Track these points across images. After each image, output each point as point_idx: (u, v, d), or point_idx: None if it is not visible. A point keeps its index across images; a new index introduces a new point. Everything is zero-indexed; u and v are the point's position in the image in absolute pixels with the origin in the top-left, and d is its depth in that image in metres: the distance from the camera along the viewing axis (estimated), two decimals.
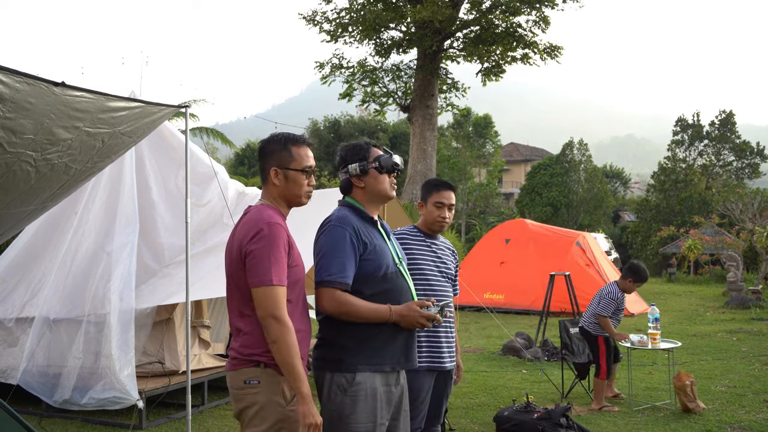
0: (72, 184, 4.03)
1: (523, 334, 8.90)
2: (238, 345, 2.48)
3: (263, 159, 2.61)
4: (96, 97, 3.43)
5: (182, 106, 4.58)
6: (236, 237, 2.51)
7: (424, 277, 3.30)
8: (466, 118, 37.47)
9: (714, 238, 20.29)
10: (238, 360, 2.47)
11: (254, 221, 2.48)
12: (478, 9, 19.16)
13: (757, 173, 32.79)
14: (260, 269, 2.38)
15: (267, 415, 2.41)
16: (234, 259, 2.49)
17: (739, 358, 8.17)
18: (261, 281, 2.38)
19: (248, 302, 2.45)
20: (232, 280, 2.50)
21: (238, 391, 2.47)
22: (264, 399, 2.42)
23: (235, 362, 2.48)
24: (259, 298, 2.38)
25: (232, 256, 2.51)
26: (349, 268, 2.54)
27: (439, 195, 3.45)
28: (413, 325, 2.57)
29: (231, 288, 2.53)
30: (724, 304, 13.93)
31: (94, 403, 5.19)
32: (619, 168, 50.88)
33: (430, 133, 19.51)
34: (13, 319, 5.72)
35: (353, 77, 21.15)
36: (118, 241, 5.60)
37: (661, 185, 32.07)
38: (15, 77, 2.90)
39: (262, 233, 2.42)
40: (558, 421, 4.80)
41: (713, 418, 5.47)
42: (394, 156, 2.75)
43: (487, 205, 37.37)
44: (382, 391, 2.57)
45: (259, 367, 2.44)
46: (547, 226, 16.00)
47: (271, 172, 2.57)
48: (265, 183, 2.63)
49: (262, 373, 2.43)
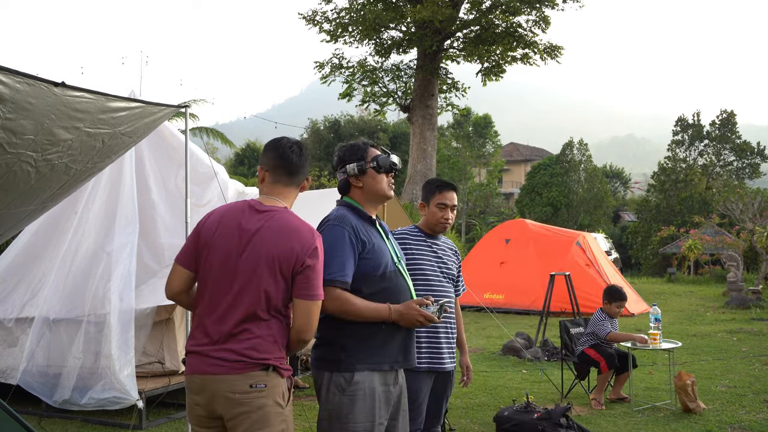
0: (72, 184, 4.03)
1: (523, 334, 8.90)
2: (245, 347, 2.39)
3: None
4: (96, 97, 3.43)
5: (182, 106, 4.58)
6: (287, 244, 2.43)
7: (424, 277, 3.30)
8: (466, 118, 37.50)
9: (714, 238, 20.29)
10: (245, 363, 2.38)
11: (311, 232, 2.49)
12: (478, 9, 19.16)
13: (758, 173, 32.80)
14: (317, 284, 2.45)
15: (272, 419, 2.40)
16: (282, 265, 2.42)
17: (740, 358, 8.17)
18: (317, 295, 2.45)
19: (272, 307, 2.43)
20: (260, 282, 2.42)
21: (240, 396, 2.37)
22: (269, 402, 2.40)
23: (240, 365, 2.38)
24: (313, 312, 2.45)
25: (275, 261, 2.42)
26: (349, 266, 2.54)
27: (442, 196, 3.44)
28: (412, 324, 2.57)
29: (249, 289, 2.42)
30: (725, 304, 13.92)
31: (93, 403, 5.18)
32: (619, 168, 50.89)
33: (430, 133, 19.51)
34: (13, 319, 5.72)
35: (353, 77, 21.15)
36: (118, 241, 5.60)
37: (661, 185, 32.08)
38: (15, 77, 2.90)
39: (319, 250, 2.48)
40: (558, 421, 4.80)
41: (713, 418, 5.47)
42: (392, 156, 2.76)
43: (487, 205, 37.38)
44: (381, 391, 2.57)
45: (267, 371, 2.41)
46: (547, 226, 16.00)
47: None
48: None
49: (268, 377, 2.41)
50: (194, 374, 2.44)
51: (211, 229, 2.50)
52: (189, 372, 2.47)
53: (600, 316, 6.13)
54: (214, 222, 2.51)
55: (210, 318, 2.44)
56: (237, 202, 2.59)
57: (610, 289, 6.31)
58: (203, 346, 2.42)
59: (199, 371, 2.42)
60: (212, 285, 2.46)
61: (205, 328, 2.44)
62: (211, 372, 2.40)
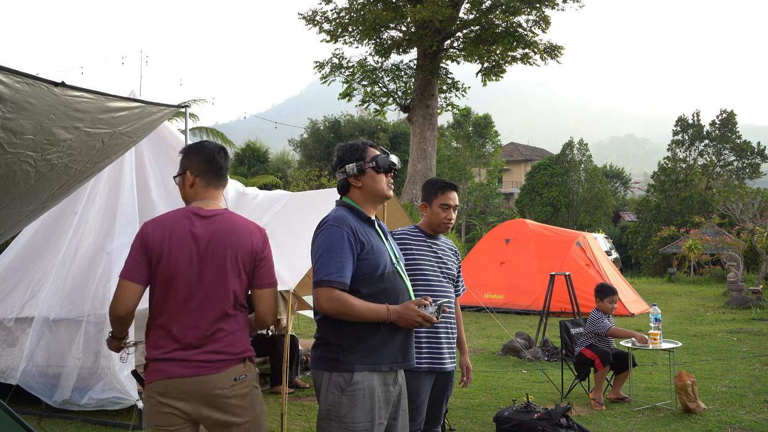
0: (72, 184, 4.03)
1: (523, 334, 8.90)
2: (224, 346, 2.56)
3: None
4: (96, 97, 3.43)
5: (182, 106, 4.58)
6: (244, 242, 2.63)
7: (424, 277, 3.30)
8: (466, 118, 37.49)
9: (714, 238, 20.28)
10: (227, 361, 2.56)
11: (257, 227, 2.75)
12: (478, 9, 19.14)
13: (758, 173, 32.79)
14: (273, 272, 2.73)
15: (255, 401, 2.66)
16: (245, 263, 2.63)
17: (740, 358, 8.17)
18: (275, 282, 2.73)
19: (238, 303, 2.64)
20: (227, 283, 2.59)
21: (228, 390, 2.54)
22: (251, 388, 2.65)
23: (222, 364, 2.54)
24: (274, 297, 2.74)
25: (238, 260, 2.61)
26: (347, 267, 2.54)
27: (445, 197, 3.45)
28: (410, 325, 2.57)
29: (217, 291, 2.57)
30: (725, 304, 13.92)
31: (93, 404, 5.19)
32: (619, 168, 50.89)
33: (430, 133, 19.50)
34: (12, 319, 5.71)
35: (353, 77, 21.13)
36: (118, 241, 5.60)
37: (661, 185, 32.07)
38: (15, 77, 2.90)
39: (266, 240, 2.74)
40: (558, 421, 4.80)
41: (714, 418, 5.46)
42: (391, 155, 2.75)
43: (487, 205, 37.38)
44: (380, 391, 2.57)
45: (244, 363, 2.63)
46: (547, 226, 15.99)
47: None
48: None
49: (246, 367, 2.64)
50: (173, 378, 2.52)
51: (160, 241, 2.55)
52: (164, 376, 2.53)
53: (597, 315, 6.16)
54: (162, 233, 2.57)
55: (179, 325, 2.54)
56: (176, 211, 2.67)
57: (599, 287, 6.38)
58: (175, 352, 2.53)
59: (178, 375, 2.51)
60: (174, 294, 2.55)
61: (172, 335, 2.54)
62: (193, 374, 2.52)
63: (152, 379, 2.56)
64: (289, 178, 32.61)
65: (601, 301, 6.18)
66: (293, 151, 40.88)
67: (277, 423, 5.31)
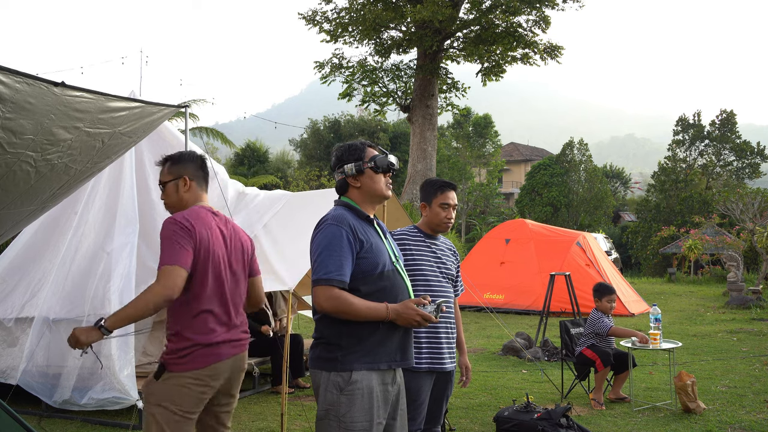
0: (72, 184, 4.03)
1: (523, 334, 8.90)
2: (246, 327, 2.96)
3: None
4: (96, 97, 3.43)
5: (182, 106, 4.58)
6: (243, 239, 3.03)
7: (423, 277, 3.30)
8: (466, 118, 37.49)
9: (714, 238, 20.28)
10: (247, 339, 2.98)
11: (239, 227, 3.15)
12: (478, 9, 19.13)
13: (758, 173, 32.81)
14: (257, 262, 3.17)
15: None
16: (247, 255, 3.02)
17: (740, 358, 8.17)
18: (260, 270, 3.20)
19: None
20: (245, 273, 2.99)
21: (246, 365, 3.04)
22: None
23: (246, 341, 2.96)
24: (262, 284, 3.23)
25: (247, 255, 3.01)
26: (346, 266, 2.54)
27: (445, 196, 3.45)
28: (409, 324, 2.57)
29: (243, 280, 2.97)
30: (725, 304, 13.92)
31: (93, 404, 5.18)
32: (619, 168, 50.89)
33: (430, 133, 19.50)
34: (12, 319, 5.71)
35: (353, 77, 21.12)
36: (118, 241, 5.60)
37: (661, 185, 32.07)
38: (15, 77, 2.90)
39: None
40: (558, 421, 4.80)
41: (714, 418, 5.46)
42: (390, 155, 2.75)
43: (487, 205, 37.38)
44: (379, 390, 2.57)
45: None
46: (547, 226, 15.99)
47: None
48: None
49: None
50: (227, 359, 2.79)
51: (205, 234, 2.79)
52: (216, 360, 2.75)
53: (596, 315, 6.17)
54: (202, 227, 2.80)
55: (221, 308, 2.81)
56: (199, 208, 2.90)
57: (596, 286, 6.39)
58: (224, 334, 2.79)
59: (229, 355, 2.79)
60: (217, 282, 2.81)
61: (217, 318, 2.78)
62: (238, 352, 2.86)
63: (201, 365, 2.71)
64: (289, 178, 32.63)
65: (599, 300, 6.19)
66: (293, 151, 40.89)
67: (277, 423, 5.31)
